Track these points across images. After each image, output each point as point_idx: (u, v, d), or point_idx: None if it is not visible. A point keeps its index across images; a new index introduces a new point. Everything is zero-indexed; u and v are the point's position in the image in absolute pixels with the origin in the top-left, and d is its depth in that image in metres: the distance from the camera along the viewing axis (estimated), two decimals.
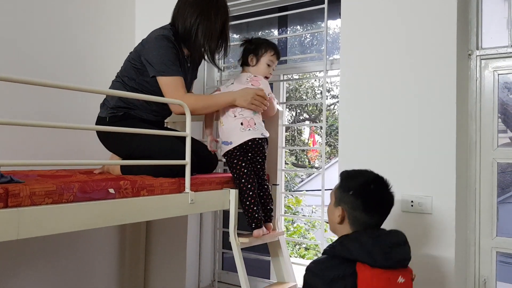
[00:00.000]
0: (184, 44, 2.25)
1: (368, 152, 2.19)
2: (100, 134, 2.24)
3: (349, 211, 1.69)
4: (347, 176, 1.78)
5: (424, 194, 2.05)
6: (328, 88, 2.35)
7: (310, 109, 10.95)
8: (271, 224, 2.27)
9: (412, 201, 2.07)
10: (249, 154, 2.21)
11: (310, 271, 1.64)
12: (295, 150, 10.45)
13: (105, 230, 2.92)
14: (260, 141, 2.20)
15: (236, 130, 2.18)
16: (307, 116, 11.28)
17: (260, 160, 2.23)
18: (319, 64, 2.69)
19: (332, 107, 8.83)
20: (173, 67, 2.13)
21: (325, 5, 2.53)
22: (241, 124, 2.18)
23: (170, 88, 2.12)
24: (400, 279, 1.58)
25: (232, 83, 2.31)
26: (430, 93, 2.07)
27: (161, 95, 2.14)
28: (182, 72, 2.18)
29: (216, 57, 2.29)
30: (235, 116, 2.20)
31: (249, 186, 2.14)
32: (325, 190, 2.49)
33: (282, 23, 3.03)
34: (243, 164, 2.16)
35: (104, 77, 2.35)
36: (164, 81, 2.13)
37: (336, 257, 1.62)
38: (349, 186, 1.72)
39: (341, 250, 1.60)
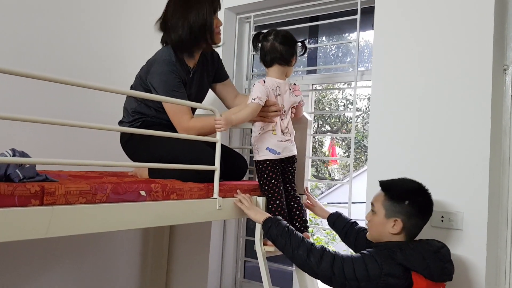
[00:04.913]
0: (186, 48, 2.23)
1: (398, 165, 2.17)
2: (126, 147, 2.27)
3: (406, 220, 1.74)
4: (392, 187, 1.81)
5: (455, 209, 2.02)
6: (352, 101, 2.35)
7: (332, 121, 10.90)
8: (308, 233, 2.24)
9: (442, 216, 2.03)
10: (290, 168, 2.25)
11: (372, 255, 1.68)
12: (316, 161, 10.39)
13: (129, 235, 2.94)
14: (296, 156, 2.27)
15: (285, 143, 2.19)
16: (329, 128, 11.22)
17: (293, 172, 2.27)
18: (348, 75, 2.67)
19: (355, 119, 8.78)
20: (175, 93, 2.13)
21: (358, 16, 2.52)
22: (288, 140, 2.21)
23: (171, 114, 2.17)
24: None
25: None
26: (464, 107, 2.04)
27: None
28: (186, 92, 2.21)
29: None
30: (282, 133, 2.19)
31: (278, 196, 2.15)
32: (352, 203, 2.47)
33: (313, 33, 3.03)
34: (274, 176, 2.17)
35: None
36: (167, 108, 2.17)
37: (394, 259, 1.65)
38: (401, 196, 1.76)
39: (402, 259, 1.64)
